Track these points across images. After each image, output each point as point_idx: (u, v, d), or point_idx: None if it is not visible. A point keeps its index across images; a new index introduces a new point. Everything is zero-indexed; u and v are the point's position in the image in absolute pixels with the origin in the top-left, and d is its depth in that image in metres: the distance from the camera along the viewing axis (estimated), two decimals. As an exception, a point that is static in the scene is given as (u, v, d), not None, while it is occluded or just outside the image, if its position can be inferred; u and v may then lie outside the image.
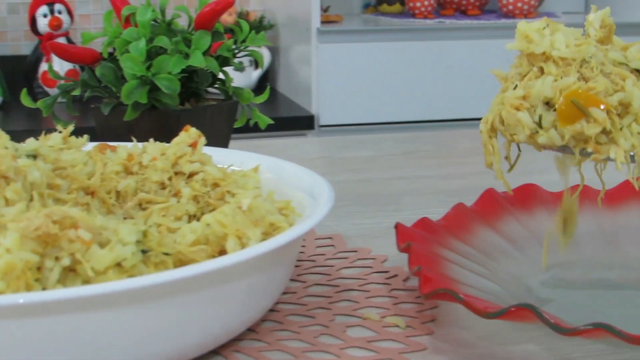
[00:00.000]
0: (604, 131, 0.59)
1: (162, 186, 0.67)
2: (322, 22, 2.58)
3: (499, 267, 0.70)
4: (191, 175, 0.68)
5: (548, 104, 0.61)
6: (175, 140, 0.69)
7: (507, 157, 0.66)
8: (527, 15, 2.74)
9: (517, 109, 0.61)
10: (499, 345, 0.60)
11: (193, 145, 0.69)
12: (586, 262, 0.72)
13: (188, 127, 0.70)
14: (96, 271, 0.52)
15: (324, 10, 2.83)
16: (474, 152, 1.22)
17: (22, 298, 0.47)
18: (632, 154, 0.60)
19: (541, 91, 0.60)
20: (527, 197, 0.78)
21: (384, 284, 0.71)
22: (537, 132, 0.61)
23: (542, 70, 0.62)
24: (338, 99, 2.53)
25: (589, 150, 0.60)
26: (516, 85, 0.63)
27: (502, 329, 0.62)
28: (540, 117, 0.60)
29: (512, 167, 0.67)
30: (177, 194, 0.67)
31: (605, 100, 0.59)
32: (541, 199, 0.78)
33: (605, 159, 0.60)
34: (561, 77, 0.60)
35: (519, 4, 2.73)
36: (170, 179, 0.67)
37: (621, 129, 0.59)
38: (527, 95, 0.61)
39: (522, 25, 0.64)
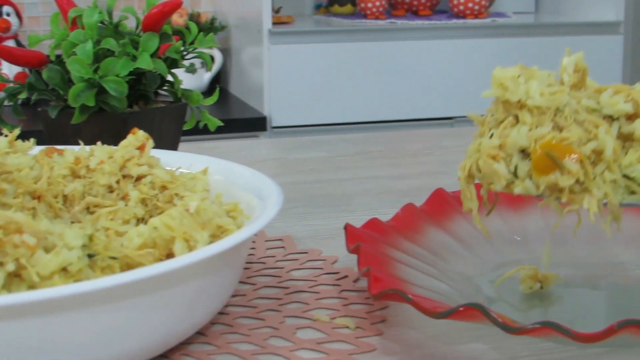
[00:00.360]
0: (578, 181, 0.60)
1: (110, 190, 0.67)
2: (274, 24, 2.58)
3: (448, 267, 0.70)
4: (139, 178, 0.67)
5: (524, 152, 0.61)
6: (123, 143, 0.69)
7: (484, 202, 0.67)
8: (477, 15, 2.75)
9: (494, 158, 0.62)
10: (448, 345, 0.60)
11: (141, 148, 0.69)
12: (535, 261, 0.72)
13: (136, 129, 0.70)
14: (41, 276, 0.52)
15: (276, 11, 2.83)
16: (424, 152, 1.22)
17: (-35, 304, 0.46)
18: (605, 202, 0.60)
19: (517, 141, 0.61)
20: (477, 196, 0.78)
21: (334, 285, 0.71)
22: (513, 182, 0.62)
23: (517, 118, 0.63)
24: (290, 100, 2.53)
25: (564, 200, 0.60)
26: (492, 134, 0.64)
27: (452, 328, 0.63)
28: (516, 167, 0.61)
29: (490, 211, 0.67)
30: (125, 197, 0.66)
31: (578, 150, 0.60)
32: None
33: (578, 209, 0.61)
34: (536, 127, 0.61)
35: (470, 5, 2.74)
36: (118, 182, 0.67)
37: (594, 178, 0.60)
38: (503, 144, 0.62)
39: (498, 72, 0.64)
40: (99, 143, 0.70)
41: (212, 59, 2.33)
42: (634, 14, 3.03)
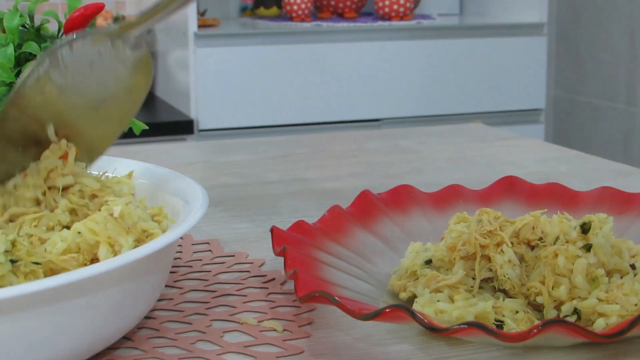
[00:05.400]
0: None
1: (37, 202, 0.65)
2: (199, 26, 2.57)
3: (374, 268, 0.71)
4: (65, 188, 0.66)
5: None
6: (45, 153, 0.67)
7: None
8: (402, 17, 2.77)
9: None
10: (375, 346, 0.61)
11: (64, 157, 0.67)
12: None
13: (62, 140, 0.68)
14: (-37, 283, 0.51)
15: (201, 14, 2.82)
16: (349, 154, 1.22)
17: None
18: None
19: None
20: (402, 198, 0.79)
21: (262, 288, 0.71)
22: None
23: None
24: (217, 103, 2.53)
25: None
26: None
27: (379, 330, 0.63)
28: None
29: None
30: (53, 210, 0.65)
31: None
32: (416, 200, 0.79)
33: None
34: None
35: (395, 7, 2.76)
36: (44, 193, 0.65)
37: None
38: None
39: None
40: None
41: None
42: (557, 16, 3.08)
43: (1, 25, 0.87)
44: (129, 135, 1.00)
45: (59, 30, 0.90)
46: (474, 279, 0.64)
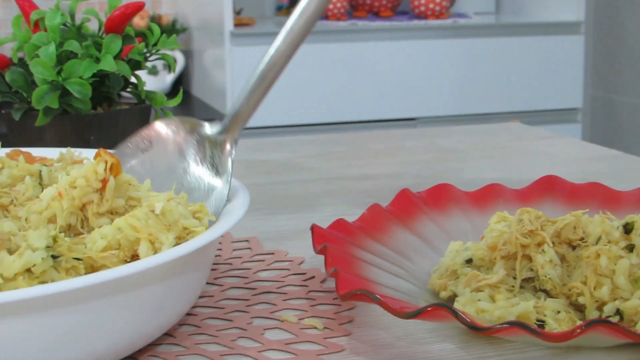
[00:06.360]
0: None
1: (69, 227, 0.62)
2: (235, 25, 2.58)
3: (414, 267, 0.71)
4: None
5: None
6: (82, 172, 0.60)
7: None
8: (438, 16, 2.76)
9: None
10: (416, 345, 0.60)
11: (102, 187, 0.60)
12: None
13: (100, 151, 0.61)
14: (5, 278, 0.51)
15: (237, 13, 2.83)
16: (387, 153, 1.22)
17: None
18: None
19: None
20: (442, 197, 0.79)
21: (301, 286, 0.71)
22: None
23: None
24: (252, 101, 2.53)
25: None
26: None
27: (420, 329, 0.63)
28: None
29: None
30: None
31: None
32: (455, 199, 0.79)
33: None
34: None
35: (431, 5, 2.75)
36: (79, 220, 0.60)
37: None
38: None
39: None
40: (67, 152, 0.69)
41: (175, 60, 2.32)
42: (594, 14, 3.06)
43: (43, 24, 0.88)
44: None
45: (99, 29, 0.91)
46: (514, 278, 0.64)
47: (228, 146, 0.67)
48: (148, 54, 0.93)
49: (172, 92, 2.77)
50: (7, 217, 0.63)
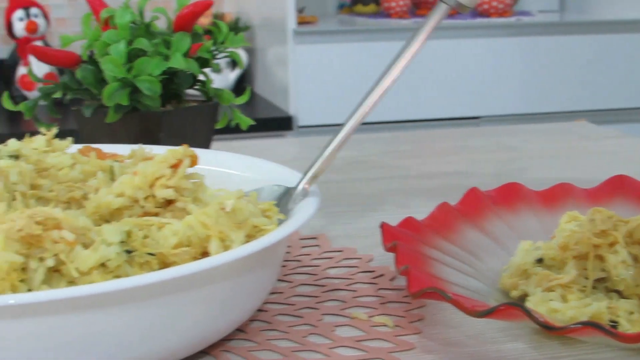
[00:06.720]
0: None
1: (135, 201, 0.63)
2: (298, 23, 2.58)
3: (484, 266, 0.70)
4: (170, 202, 0.62)
5: None
6: (159, 157, 0.63)
7: None
8: (502, 14, 2.75)
9: None
10: (488, 344, 0.60)
11: (175, 166, 0.62)
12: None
13: (184, 146, 0.63)
14: (81, 272, 0.52)
15: (299, 11, 2.83)
16: (453, 151, 1.22)
17: (12, 299, 0.47)
18: None
19: None
20: (511, 196, 0.78)
21: (371, 283, 0.71)
22: None
23: None
24: (315, 99, 2.53)
25: None
26: None
27: (490, 327, 0.62)
28: None
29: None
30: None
31: None
32: (525, 198, 0.79)
33: None
34: None
35: (494, 3, 2.73)
36: (146, 198, 0.62)
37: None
38: None
39: None
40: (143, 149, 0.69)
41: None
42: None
43: (113, 22, 0.89)
44: (231, 130, 1.01)
45: (168, 27, 0.92)
46: (586, 278, 0.64)
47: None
48: (216, 52, 0.93)
49: (234, 90, 2.79)
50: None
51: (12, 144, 0.65)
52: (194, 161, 0.63)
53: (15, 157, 0.64)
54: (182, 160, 0.62)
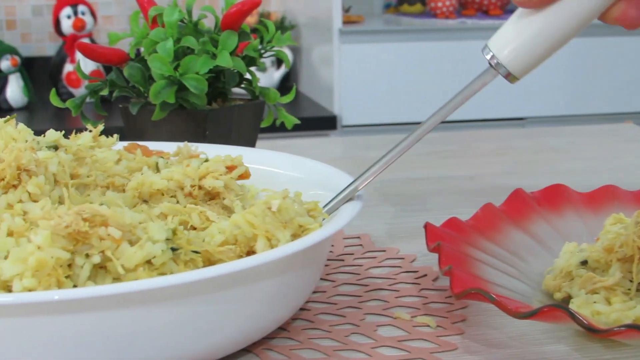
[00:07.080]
0: None
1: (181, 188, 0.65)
2: (344, 23, 2.58)
3: (527, 268, 0.70)
4: (213, 197, 0.65)
5: None
6: (217, 157, 0.66)
7: None
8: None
9: None
10: (530, 346, 0.60)
11: (230, 168, 0.65)
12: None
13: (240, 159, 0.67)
14: (126, 269, 0.53)
15: (346, 10, 2.83)
16: (497, 152, 1.21)
17: (56, 295, 0.47)
18: None
19: None
20: (556, 197, 0.78)
21: (414, 283, 0.71)
22: None
23: None
24: (360, 99, 2.53)
25: None
26: None
27: (533, 329, 0.62)
28: None
29: None
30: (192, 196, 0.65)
31: None
32: (569, 200, 0.78)
33: None
34: None
35: (541, 4, 2.72)
36: (193, 187, 0.64)
37: None
38: None
39: None
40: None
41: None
42: None
43: (161, 20, 0.90)
44: (276, 129, 1.02)
45: (215, 25, 0.92)
46: (631, 281, 0.63)
47: None
48: (263, 51, 0.94)
49: (279, 89, 2.79)
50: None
51: (51, 134, 0.66)
52: (246, 174, 0.66)
53: (55, 147, 0.65)
54: (237, 166, 0.65)
